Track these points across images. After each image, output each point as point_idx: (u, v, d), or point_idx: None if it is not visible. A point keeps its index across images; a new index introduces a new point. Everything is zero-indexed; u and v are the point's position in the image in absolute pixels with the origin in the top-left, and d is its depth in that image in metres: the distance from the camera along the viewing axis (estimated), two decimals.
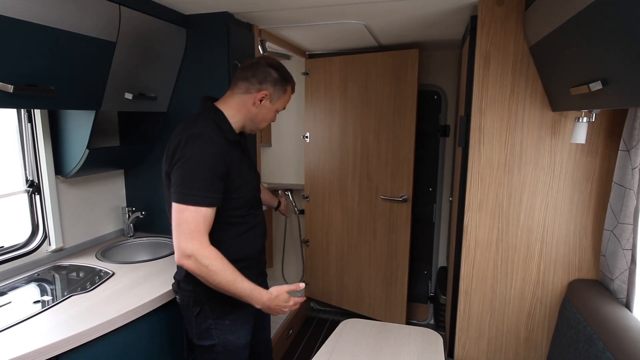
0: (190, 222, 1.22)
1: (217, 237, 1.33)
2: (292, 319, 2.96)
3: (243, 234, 1.43)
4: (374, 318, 2.95)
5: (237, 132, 1.42)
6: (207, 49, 1.90)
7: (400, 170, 2.73)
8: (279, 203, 2.11)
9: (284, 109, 1.51)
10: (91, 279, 1.56)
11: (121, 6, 1.50)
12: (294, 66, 3.14)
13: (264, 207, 1.82)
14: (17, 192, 1.69)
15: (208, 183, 1.24)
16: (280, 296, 1.35)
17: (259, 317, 1.60)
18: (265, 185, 3.21)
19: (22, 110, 1.63)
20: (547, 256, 1.76)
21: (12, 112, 1.64)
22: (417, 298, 3.14)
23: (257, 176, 1.57)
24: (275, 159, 3.36)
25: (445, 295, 2.72)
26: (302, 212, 3.27)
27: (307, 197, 3.12)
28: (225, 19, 1.85)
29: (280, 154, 3.33)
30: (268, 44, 2.51)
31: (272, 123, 3.28)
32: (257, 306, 1.32)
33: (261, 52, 2.55)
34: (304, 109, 3.07)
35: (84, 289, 1.48)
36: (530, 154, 1.71)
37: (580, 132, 1.49)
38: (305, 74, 2.98)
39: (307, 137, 3.05)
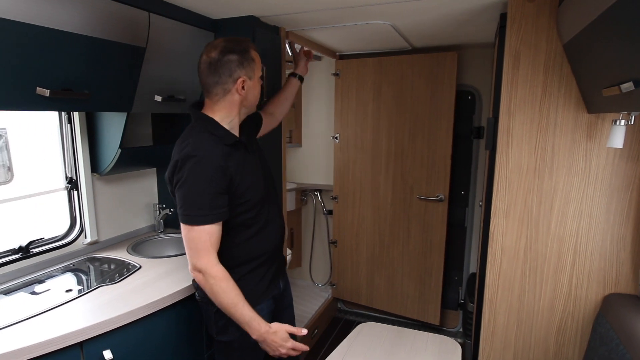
0: (196, 240, 1.27)
1: (231, 239, 1.36)
2: (318, 318, 2.98)
3: (257, 233, 1.44)
4: (406, 316, 3.02)
5: (235, 130, 1.39)
6: None
7: (436, 171, 2.75)
8: (299, 77, 1.98)
9: (263, 72, 1.44)
10: (120, 271, 1.65)
11: (150, 13, 1.57)
12: (324, 67, 3.15)
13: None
14: (58, 190, 1.82)
15: (209, 201, 1.26)
16: (278, 333, 1.33)
17: (280, 315, 1.61)
18: (294, 185, 3.26)
19: (62, 112, 1.76)
20: (580, 267, 1.65)
21: (54, 115, 1.77)
22: (448, 304, 3.05)
23: (266, 171, 1.53)
24: (305, 160, 3.39)
25: (473, 303, 2.62)
26: (330, 212, 3.28)
27: (335, 198, 3.12)
28: (251, 22, 1.89)
29: (310, 154, 3.36)
30: (297, 46, 2.54)
31: (302, 124, 3.31)
32: (254, 337, 1.32)
33: (290, 54, 2.59)
34: (333, 109, 3.07)
35: (112, 280, 1.57)
36: (563, 159, 1.61)
37: (618, 136, 1.38)
38: (336, 74, 2.99)
39: (336, 137, 3.05)
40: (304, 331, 1.36)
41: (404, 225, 2.92)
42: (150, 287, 1.53)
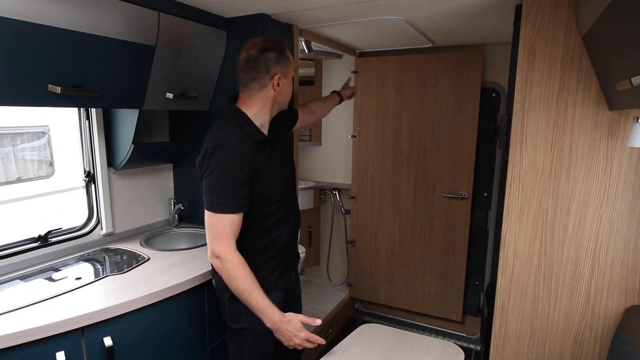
0: (218, 227, 1.33)
1: (248, 230, 1.42)
2: (334, 317, 2.96)
3: (273, 225, 1.48)
4: (427, 314, 3.01)
5: (265, 127, 1.45)
6: None
7: (460, 169, 2.74)
8: (340, 97, 2.14)
9: (295, 72, 1.57)
10: (129, 262, 1.72)
11: (160, 12, 1.62)
12: (344, 65, 3.13)
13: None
14: (78, 187, 1.93)
15: (233, 191, 1.33)
16: (292, 322, 1.36)
17: (291, 305, 1.63)
18: (313, 183, 3.26)
19: (81, 109, 1.85)
20: (599, 276, 1.54)
21: (74, 112, 1.87)
22: (468, 310, 2.95)
23: (289, 169, 1.59)
24: (324, 158, 3.38)
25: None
26: (348, 212, 3.25)
27: (353, 198, 3.10)
28: (261, 20, 1.90)
29: (329, 152, 3.34)
30: (313, 44, 2.53)
31: (323, 122, 3.31)
32: (268, 325, 1.36)
33: (306, 51, 2.59)
34: (352, 107, 3.05)
35: (120, 270, 1.63)
36: (581, 159, 1.51)
37: (639, 135, 1.28)
38: (355, 72, 2.96)
39: (355, 136, 3.03)
40: (318, 321, 1.40)
41: (425, 223, 2.91)
42: (154, 278, 1.57)
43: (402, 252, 3.02)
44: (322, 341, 1.40)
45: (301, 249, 2.86)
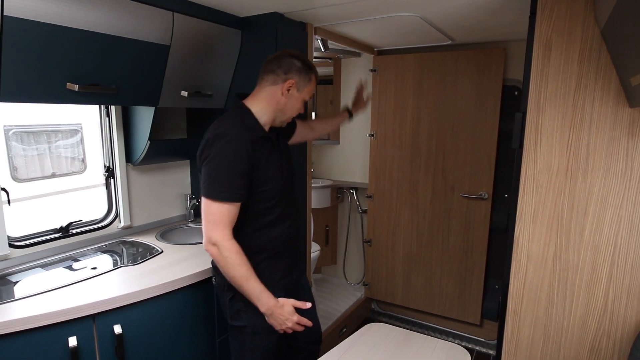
0: (215, 214, 1.35)
1: (246, 228, 1.43)
2: (348, 317, 2.95)
3: (270, 224, 1.49)
4: (444, 316, 2.96)
5: (266, 126, 1.47)
6: (259, 50, 2.00)
7: (480, 169, 2.69)
8: (350, 114, 2.11)
9: (310, 98, 1.55)
10: (142, 254, 1.78)
11: (174, 13, 1.67)
12: (362, 64, 3.12)
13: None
14: (100, 185, 2.02)
15: (231, 180, 1.34)
16: (285, 307, 1.40)
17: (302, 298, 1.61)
18: (330, 182, 3.26)
19: (102, 107, 1.93)
20: (618, 281, 1.46)
21: (95, 109, 1.95)
22: (487, 314, 2.86)
23: (288, 168, 1.59)
24: (342, 157, 3.37)
25: None
26: (365, 211, 3.23)
27: (370, 197, 3.08)
28: (274, 19, 1.93)
29: (347, 151, 3.34)
30: (330, 42, 2.54)
31: None
32: (262, 309, 1.39)
33: (322, 50, 2.60)
34: (370, 106, 3.03)
35: (134, 261, 1.70)
36: (599, 159, 1.44)
37: None
38: (373, 70, 2.94)
39: (373, 135, 3.01)
40: (308, 305, 1.43)
41: (444, 224, 2.86)
42: (165, 270, 1.62)
43: (419, 253, 2.98)
44: (309, 323, 1.43)
45: (314, 247, 2.89)
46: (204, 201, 1.36)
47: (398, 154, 2.96)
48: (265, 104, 1.46)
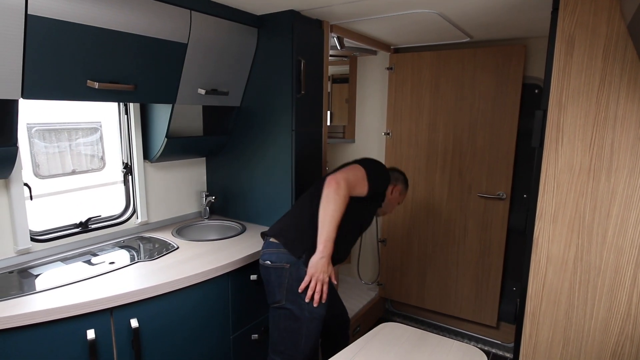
0: (357, 175, 1.66)
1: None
2: (362, 316, 2.94)
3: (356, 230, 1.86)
4: (460, 317, 2.93)
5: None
6: (275, 47, 2.00)
7: (498, 168, 2.64)
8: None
9: (398, 204, 1.98)
10: (159, 250, 1.80)
11: (192, 11, 1.68)
12: (379, 62, 3.09)
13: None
14: (118, 182, 2.06)
15: (376, 177, 1.72)
16: (330, 266, 1.58)
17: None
18: None
19: (121, 104, 1.96)
20: None
21: (114, 107, 1.99)
22: (504, 316, 2.81)
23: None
24: (357, 155, 3.25)
25: None
26: None
27: None
28: (290, 16, 1.92)
29: (362, 150, 3.31)
30: (346, 40, 2.52)
31: (356, 118, 3.29)
32: (320, 250, 1.55)
33: (338, 48, 2.58)
34: (385, 104, 3.01)
35: (151, 257, 1.72)
36: (624, 158, 1.39)
37: None
38: (390, 68, 2.91)
39: (388, 133, 2.98)
40: (335, 282, 1.63)
41: (460, 224, 2.83)
42: (181, 266, 1.64)
43: (434, 253, 2.95)
44: (324, 298, 1.58)
45: None
46: (356, 166, 1.69)
47: (414, 153, 2.93)
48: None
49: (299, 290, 1.58)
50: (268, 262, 1.64)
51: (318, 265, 1.55)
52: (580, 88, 1.44)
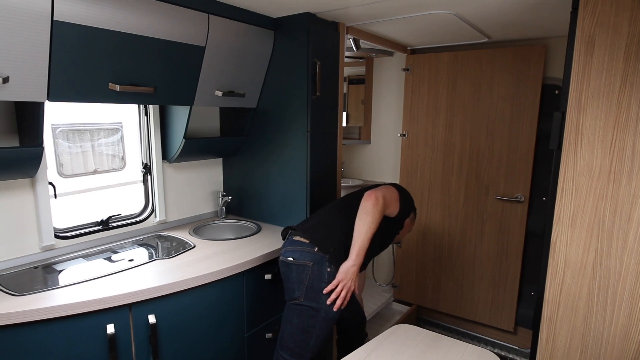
0: (391, 195, 1.76)
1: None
2: (376, 317, 2.93)
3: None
4: (475, 321, 2.89)
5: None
6: (291, 49, 2.02)
7: (517, 171, 2.61)
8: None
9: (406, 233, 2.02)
10: (176, 248, 1.84)
11: (210, 15, 1.72)
12: (395, 63, 3.08)
13: None
14: (137, 181, 2.12)
15: (406, 206, 1.85)
16: (360, 276, 1.69)
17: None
18: (360, 182, 3.25)
19: (140, 106, 2.02)
20: None
21: (134, 109, 2.04)
22: (521, 321, 2.76)
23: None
24: (373, 157, 3.35)
25: None
26: None
27: None
28: (306, 19, 1.94)
29: (378, 151, 3.31)
30: (362, 41, 2.53)
31: (372, 119, 3.28)
32: (352, 258, 1.61)
33: (354, 49, 2.59)
34: (402, 105, 3.00)
35: (168, 255, 1.76)
36: None
37: None
38: (406, 69, 2.90)
39: (404, 135, 2.97)
40: (357, 292, 1.70)
41: (477, 227, 2.80)
42: (198, 264, 1.67)
43: (450, 256, 2.92)
44: (344, 305, 1.63)
45: None
46: (390, 187, 1.80)
47: (430, 154, 2.91)
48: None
49: (324, 292, 1.61)
50: (291, 258, 1.67)
51: (348, 273, 1.60)
52: (601, 89, 1.41)
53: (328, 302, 1.61)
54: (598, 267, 1.48)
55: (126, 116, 2.22)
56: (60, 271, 1.58)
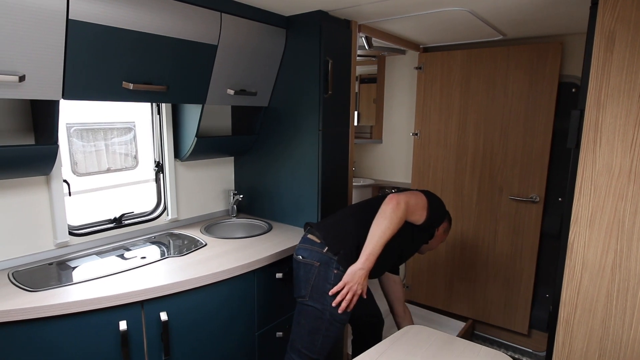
0: (418, 201, 1.70)
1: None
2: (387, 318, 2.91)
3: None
4: (488, 322, 2.86)
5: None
6: (303, 48, 2.02)
7: (531, 170, 2.57)
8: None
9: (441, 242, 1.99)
10: (188, 246, 1.85)
11: (222, 13, 1.72)
12: (407, 61, 3.05)
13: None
14: (150, 180, 2.14)
15: (433, 212, 1.75)
16: (366, 280, 1.60)
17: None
18: (372, 181, 3.23)
19: (153, 105, 2.03)
20: None
21: (147, 108, 2.05)
22: (535, 324, 2.72)
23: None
24: (385, 156, 3.32)
25: None
26: None
27: None
28: (318, 17, 1.93)
29: (390, 151, 3.29)
30: (374, 40, 2.51)
31: (384, 118, 3.26)
32: (362, 261, 1.57)
33: (367, 47, 2.57)
34: (414, 104, 2.97)
35: (180, 253, 1.77)
36: None
37: None
38: (418, 68, 2.87)
39: (417, 134, 2.94)
40: (365, 297, 1.65)
41: (490, 227, 2.75)
42: (209, 262, 1.67)
43: (463, 256, 2.88)
44: (350, 308, 1.60)
45: None
46: (419, 193, 1.74)
47: (443, 153, 2.87)
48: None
49: (330, 293, 1.59)
50: (300, 256, 1.67)
51: (355, 276, 1.57)
52: (621, 86, 1.37)
53: (333, 304, 1.59)
54: (617, 268, 1.44)
55: (139, 115, 2.24)
56: (74, 268, 1.60)
